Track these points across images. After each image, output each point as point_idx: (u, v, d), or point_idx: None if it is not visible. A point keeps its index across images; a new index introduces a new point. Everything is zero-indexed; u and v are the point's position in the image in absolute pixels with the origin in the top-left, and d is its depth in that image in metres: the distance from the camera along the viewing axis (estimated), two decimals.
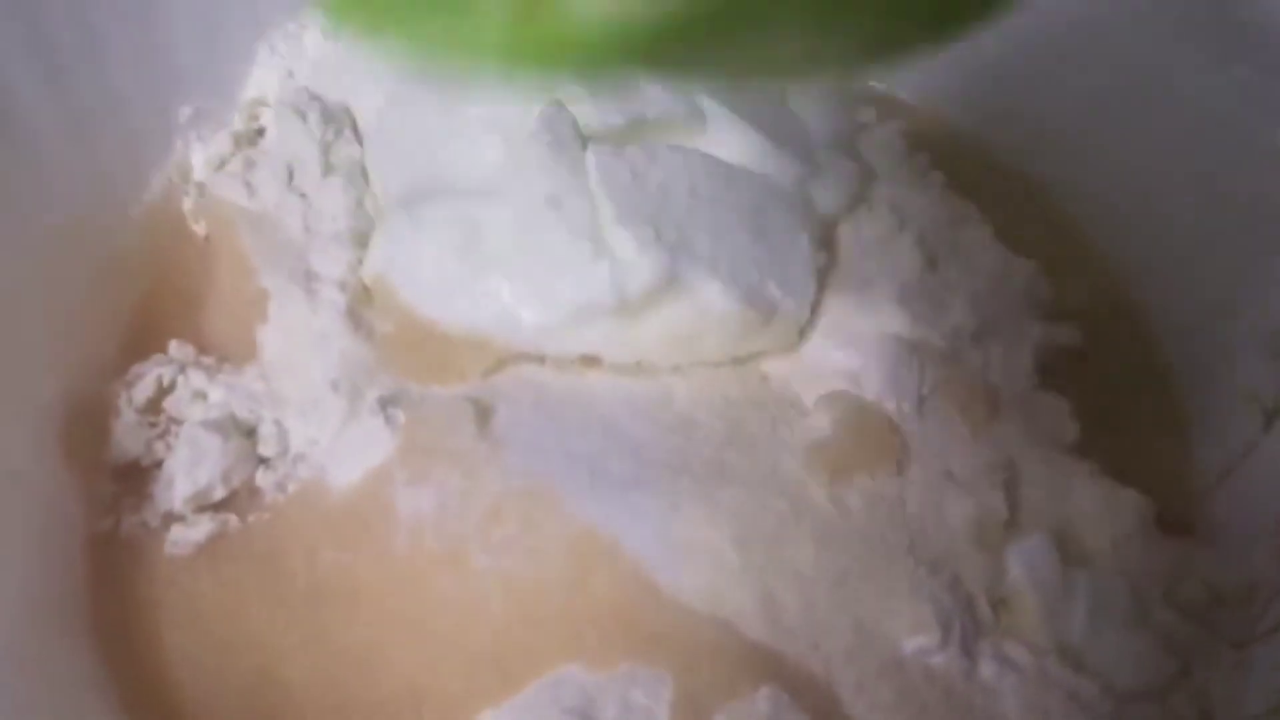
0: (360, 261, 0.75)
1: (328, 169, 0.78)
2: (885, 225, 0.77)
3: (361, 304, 0.73)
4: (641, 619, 0.57)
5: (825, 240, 0.76)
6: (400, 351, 0.70)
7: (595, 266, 0.68)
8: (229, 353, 0.73)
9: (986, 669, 0.58)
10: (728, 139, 0.79)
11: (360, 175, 0.79)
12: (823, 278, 0.73)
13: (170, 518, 0.65)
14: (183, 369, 0.70)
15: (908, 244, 0.76)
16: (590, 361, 0.70)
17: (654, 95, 0.76)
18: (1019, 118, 0.94)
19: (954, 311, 0.73)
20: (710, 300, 0.71)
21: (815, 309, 0.72)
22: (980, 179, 0.90)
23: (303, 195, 0.77)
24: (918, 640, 0.58)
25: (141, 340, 0.72)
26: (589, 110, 0.73)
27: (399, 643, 0.59)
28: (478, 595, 0.58)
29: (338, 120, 0.81)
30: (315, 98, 0.81)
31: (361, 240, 0.76)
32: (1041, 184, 0.93)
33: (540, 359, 0.70)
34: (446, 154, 0.74)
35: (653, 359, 0.72)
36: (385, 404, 0.66)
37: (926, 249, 0.76)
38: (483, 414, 0.64)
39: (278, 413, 0.68)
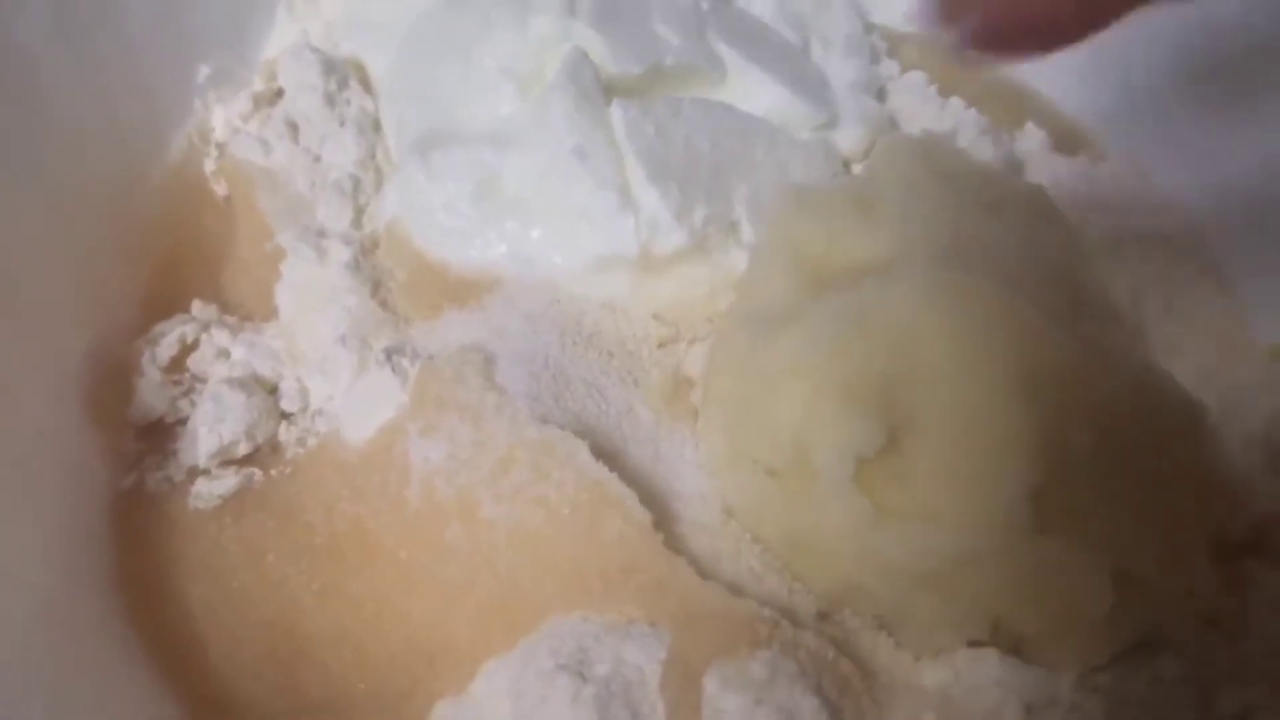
0: (365, 214, 0.76)
1: (336, 122, 0.79)
2: None
3: (366, 256, 0.73)
4: (648, 570, 0.56)
5: None
6: (409, 293, 0.71)
7: (620, 219, 0.68)
8: (250, 312, 0.73)
9: None
10: (748, 89, 0.78)
11: (371, 128, 0.80)
12: None
13: (194, 473, 0.66)
14: (206, 327, 0.70)
15: None
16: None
17: (672, 43, 0.76)
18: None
19: None
20: (733, 264, 0.71)
21: None
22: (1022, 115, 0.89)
23: (309, 150, 0.78)
24: None
25: (164, 300, 0.73)
26: (607, 58, 0.73)
27: (411, 594, 0.60)
28: (487, 545, 0.58)
29: (341, 73, 0.81)
30: (317, 51, 0.81)
31: (368, 192, 0.77)
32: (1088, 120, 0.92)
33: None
34: (460, 103, 0.75)
35: (669, 313, 0.72)
36: (390, 354, 0.66)
37: None
38: (489, 362, 0.64)
39: (297, 370, 0.69)
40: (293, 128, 0.78)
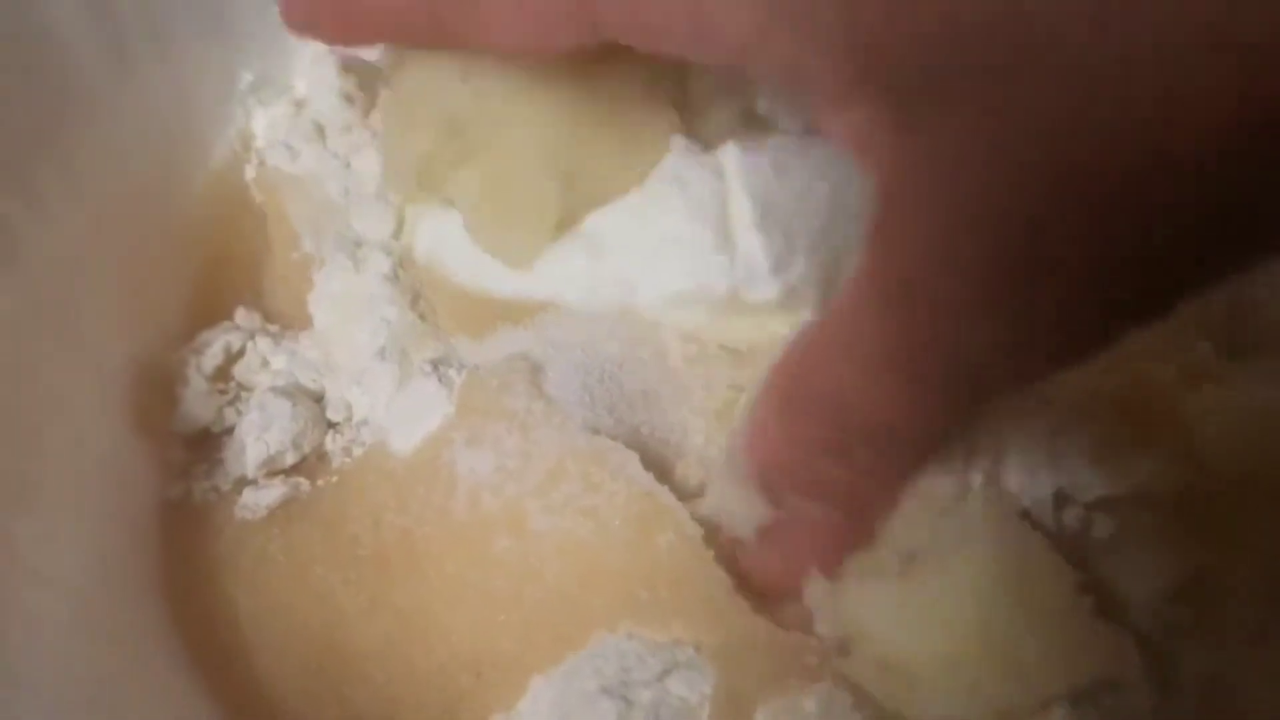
0: (405, 224, 0.73)
1: (369, 131, 0.77)
2: None
3: (406, 267, 0.71)
4: (699, 586, 0.55)
5: None
6: (454, 318, 0.68)
7: (713, 258, 0.62)
8: (289, 321, 0.73)
9: None
10: None
11: None
12: None
13: (242, 483, 0.65)
14: (251, 336, 0.70)
15: None
16: None
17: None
18: None
19: None
20: None
21: None
22: None
23: (339, 157, 0.76)
24: None
25: (208, 308, 0.72)
26: None
27: (458, 606, 0.59)
28: (536, 557, 0.57)
29: (370, 76, 0.79)
30: (335, 52, 0.79)
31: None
32: None
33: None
34: None
35: (739, 344, 0.66)
36: (437, 365, 0.65)
37: None
38: (536, 370, 0.63)
39: (336, 379, 0.68)
40: (319, 130, 0.77)
